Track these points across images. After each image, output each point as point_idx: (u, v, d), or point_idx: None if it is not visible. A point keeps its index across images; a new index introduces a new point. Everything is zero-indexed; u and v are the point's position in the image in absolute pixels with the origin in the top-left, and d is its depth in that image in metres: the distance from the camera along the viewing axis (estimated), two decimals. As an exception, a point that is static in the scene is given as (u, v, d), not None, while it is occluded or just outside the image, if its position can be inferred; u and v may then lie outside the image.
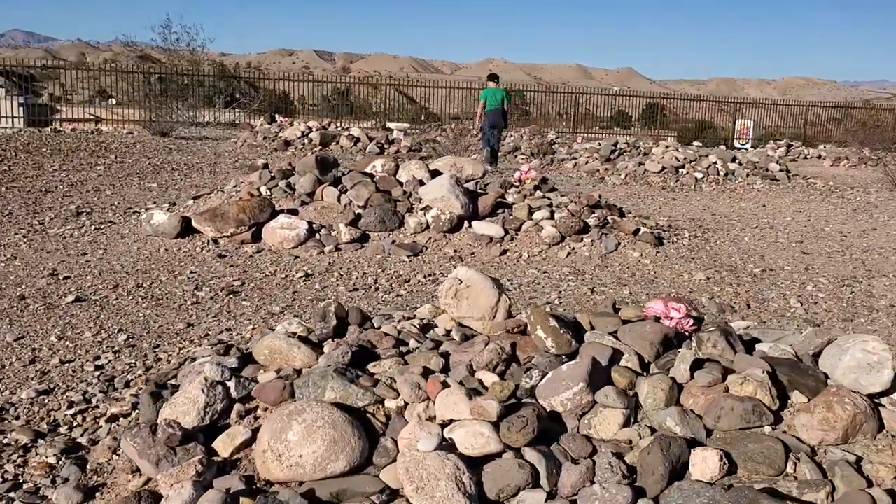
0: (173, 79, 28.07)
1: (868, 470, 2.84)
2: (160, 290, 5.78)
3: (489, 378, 3.20)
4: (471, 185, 8.21)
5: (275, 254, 7.01)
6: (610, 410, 2.98)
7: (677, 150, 14.46)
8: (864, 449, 2.98)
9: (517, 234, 7.48)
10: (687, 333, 3.52)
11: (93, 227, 7.95)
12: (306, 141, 17.97)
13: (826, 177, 16.56)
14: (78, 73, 28.76)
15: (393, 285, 6.18)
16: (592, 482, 2.73)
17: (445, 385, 3.11)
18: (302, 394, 3.17)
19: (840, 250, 8.15)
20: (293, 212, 7.55)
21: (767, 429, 2.96)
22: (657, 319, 3.51)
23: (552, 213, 7.65)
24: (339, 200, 7.72)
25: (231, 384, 3.27)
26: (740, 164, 14.26)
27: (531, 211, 7.66)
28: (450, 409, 2.97)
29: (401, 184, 8.08)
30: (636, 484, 2.72)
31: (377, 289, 6.05)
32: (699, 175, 13.25)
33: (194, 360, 3.96)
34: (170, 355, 4.34)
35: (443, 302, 3.79)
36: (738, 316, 5.68)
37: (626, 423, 2.98)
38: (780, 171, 14.27)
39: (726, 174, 13.56)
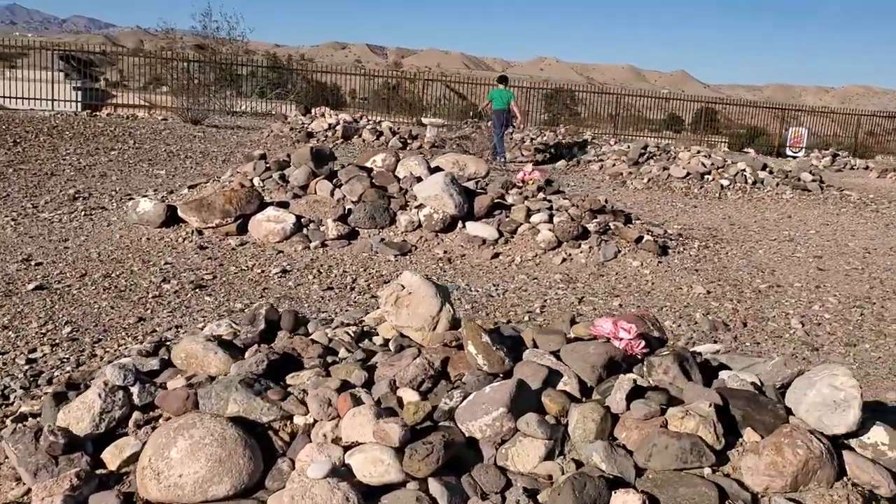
0: (213, 67, 28.21)
1: (816, 525, 2.50)
2: (126, 280, 5.59)
3: (410, 396, 2.92)
4: (471, 185, 7.91)
5: (258, 247, 6.80)
6: (530, 440, 2.68)
7: (706, 155, 13.94)
8: (815, 499, 2.64)
9: (512, 238, 7.16)
10: (639, 357, 3.19)
11: (83, 212, 7.82)
12: (329, 133, 17.81)
13: (867, 189, 15.90)
14: (134, 59, 28.91)
15: (371, 286, 5.92)
16: (499, 522, 2.44)
17: (359, 402, 2.84)
18: (205, 405, 2.92)
19: (860, 268, 7.69)
20: (284, 204, 7.32)
21: (707, 470, 2.63)
22: (607, 340, 3.19)
23: (551, 216, 7.31)
24: (332, 195, 7.48)
25: (134, 390, 3.04)
26: (770, 172, 13.71)
27: (529, 213, 7.34)
28: (356, 430, 2.70)
29: (398, 180, 7.81)
30: (548, 527, 2.42)
31: (353, 289, 5.80)
32: (725, 182, 12.75)
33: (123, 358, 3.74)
34: (106, 352, 4.13)
35: (383, 309, 3.51)
36: (730, 335, 5.30)
37: (550, 456, 2.68)
38: (813, 181, 13.68)
39: (754, 182, 13.03)
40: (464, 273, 6.50)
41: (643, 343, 3.17)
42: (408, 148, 17.02)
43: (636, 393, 2.89)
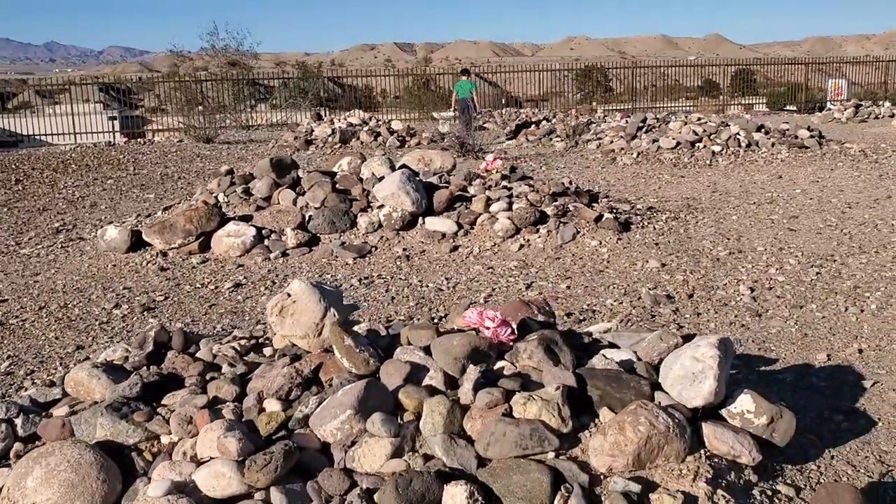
0: (240, 84, 28.73)
1: (654, 501, 2.49)
2: (80, 310, 5.73)
3: (272, 406, 2.97)
4: (434, 179, 7.92)
5: (220, 263, 6.91)
6: (376, 440, 2.71)
7: (698, 123, 13.73)
8: (665, 475, 2.63)
9: (472, 229, 7.17)
10: (509, 344, 3.20)
11: (61, 245, 8.01)
12: (330, 139, 17.92)
13: (885, 138, 15.50)
14: (167, 83, 29.31)
15: (321, 292, 5.97)
16: (336, 524, 2.48)
17: (219, 417, 2.90)
18: (79, 432, 3.00)
19: (834, 225, 7.53)
20: (247, 218, 7.42)
21: (551, 455, 2.64)
22: (478, 331, 3.20)
23: (510, 204, 7.30)
24: (294, 203, 7.55)
25: (18, 421, 3.13)
26: (766, 133, 13.46)
27: (489, 203, 7.33)
28: (209, 445, 2.75)
29: (362, 182, 7.86)
30: (383, 526, 2.45)
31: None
32: (717, 148, 12.55)
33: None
34: (34, 383, 4.25)
35: (269, 320, 3.56)
36: (671, 308, 5.25)
37: (398, 454, 2.70)
38: (811, 137, 13.40)
39: (748, 145, 12.81)
40: (420, 269, 6.53)
41: (510, 330, 3.18)
42: (406, 146, 17.06)
43: (493, 382, 2.90)
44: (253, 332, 3.90)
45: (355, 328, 3.54)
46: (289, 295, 3.56)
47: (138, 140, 22.44)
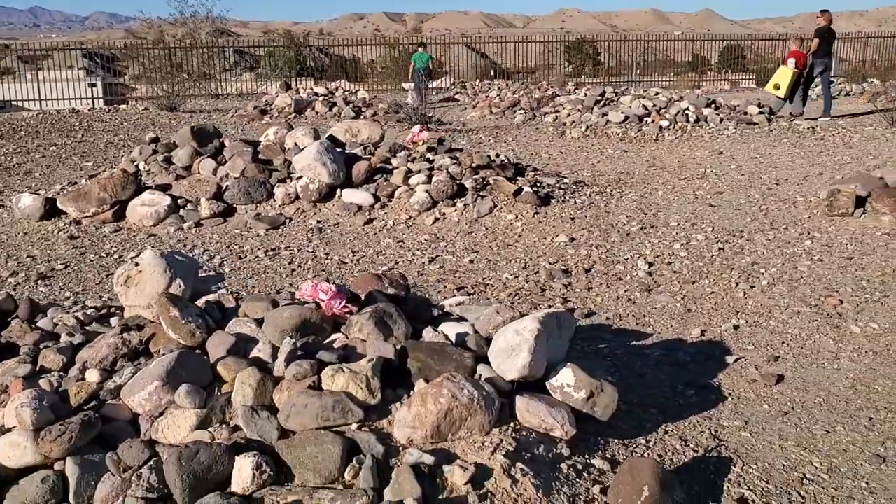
0: (193, 53, 28.31)
1: (447, 473, 2.49)
2: (-26, 278, 5.65)
3: (93, 377, 2.93)
4: (359, 150, 7.85)
5: (132, 232, 6.83)
6: (182, 412, 2.69)
7: (648, 98, 13.71)
8: (467, 447, 2.63)
9: (390, 202, 7.12)
10: (346, 317, 3.17)
11: (-22, 212, 7.89)
12: (286, 109, 17.74)
13: (838, 116, 15.51)
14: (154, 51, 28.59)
15: (224, 263, 5.93)
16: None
17: (34, 386, 2.86)
18: None
19: (756, 201, 7.54)
20: (165, 187, 7.33)
21: (354, 426, 2.63)
22: (306, 303, 3.17)
23: (430, 177, 7.25)
24: (214, 173, 7.47)
25: None
26: (716, 108, 13.46)
27: (409, 175, 7.28)
28: (11, 415, 2.72)
29: (284, 152, 7.78)
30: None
31: (209, 269, 5.81)
32: (665, 123, 12.53)
33: None
34: None
35: (116, 290, 3.52)
36: (564, 282, 5.25)
37: (204, 425, 2.68)
38: (760, 113, 13.41)
39: (697, 120, 12.80)
40: (330, 241, 6.48)
41: (342, 303, 3.15)
42: (361, 116, 16.90)
43: (313, 354, 2.88)
44: (107, 301, 3.85)
45: (206, 299, 3.50)
46: (136, 265, 3.51)
47: (106, 108, 22.06)
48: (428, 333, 3.10)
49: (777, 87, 14.09)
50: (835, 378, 3.77)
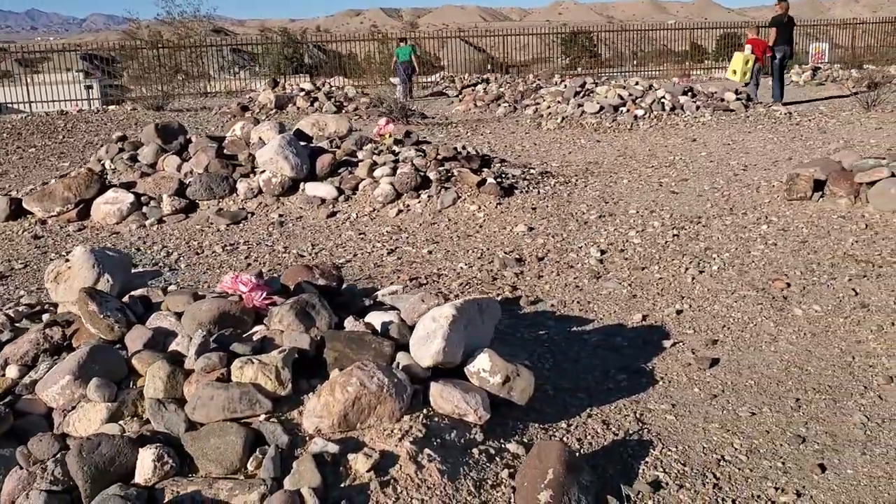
0: (182, 52, 28.27)
1: (351, 461, 2.51)
2: (-69, 279, 5.66)
3: (12, 373, 2.96)
4: (325, 144, 7.87)
5: (96, 231, 6.85)
6: (92, 405, 2.71)
7: (624, 87, 13.72)
8: (376, 435, 2.65)
9: (354, 195, 7.13)
10: (267, 309, 3.19)
11: (-55, 214, 7.88)
12: (265, 105, 17.74)
13: (820, 101, 15.53)
14: (152, 52, 28.43)
15: (182, 259, 5.95)
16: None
17: (-48, 384, 2.88)
18: None
19: (720, 187, 7.56)
20: (130, 185, 7.35)
21: (262, 418, 2.64)
22: (227, 295, 3.19)
23: (395, 169, 7.26)
24: (178, 170, 7.48)
25: None
26: (693, 96, 13.47)
27: (374, 168, 7.29)
28: (-73, 412, 2.74)
29: (249, 146, 7.79)
30: (80, 489, 2.45)
31: (157, 264, 5.83)
32: (640, 112, 12.54)
33: None
34: None
35: (46, 286, 3.54)
36: (515, 270, 5.27)
37: (116, 418, 2.71)
38: (737, 100, 13.42)
39: (673, 109, 12.81)
40: (291, 235, 6.50)
41: (263, 295, 3.17)
42: (343, 111, 16.91)
43: (227, 346, 2.90)
44: (42, 299, 3.86)
45: (132, 293, 3.52)
46: (67, 261, 3.53)
47: (94, 109, 22.01)
48: (349, 323, 3.12)
49: (735, 73, 14.44)
50: (770, 361, 3.80)
